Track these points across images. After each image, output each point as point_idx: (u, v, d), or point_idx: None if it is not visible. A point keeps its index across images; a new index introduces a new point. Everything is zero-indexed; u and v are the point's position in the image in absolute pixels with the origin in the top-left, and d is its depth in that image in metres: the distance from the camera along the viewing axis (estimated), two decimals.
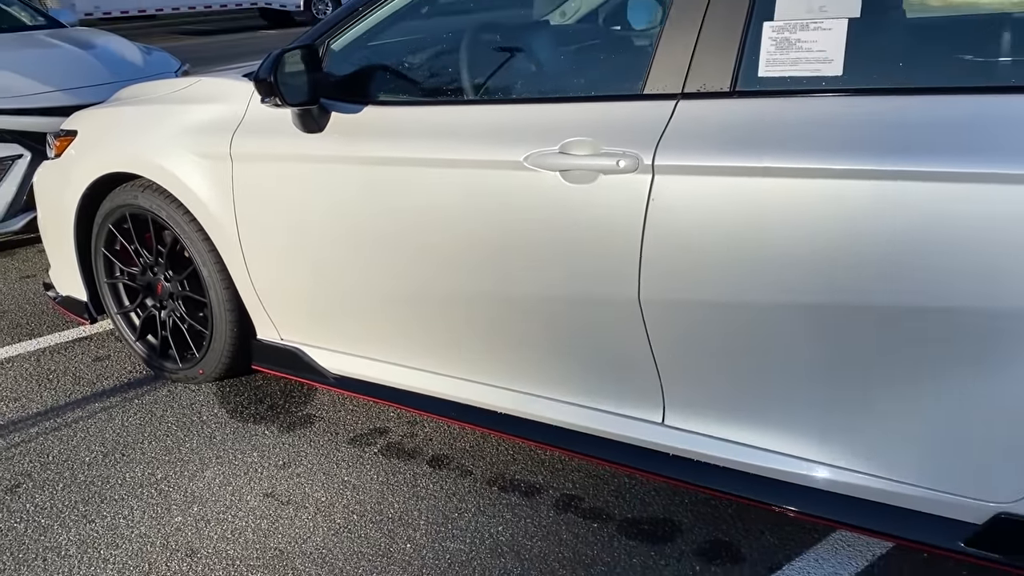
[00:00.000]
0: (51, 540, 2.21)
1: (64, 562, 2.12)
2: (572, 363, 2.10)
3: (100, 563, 2.11)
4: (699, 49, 1.81)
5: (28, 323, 3.60)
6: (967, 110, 1.55)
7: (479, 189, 2.07)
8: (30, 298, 3.88)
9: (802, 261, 1.69)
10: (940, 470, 1.71)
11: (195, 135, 2.60)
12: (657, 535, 2.10)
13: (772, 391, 1.84)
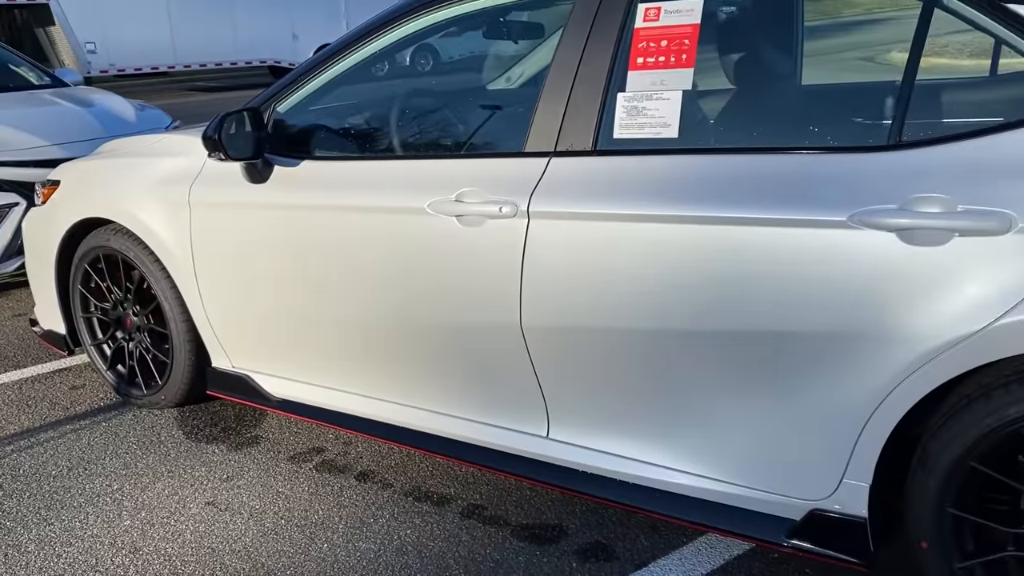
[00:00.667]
0: (13, 539, 2.49)
1: (23, 557, 2.40)
2: (469, 383, 2.39)
3: (54, 558, 2.39)
4: (567, 116, 2.15)
5: (14, 355, 3.92)
6: (781, 167, 1.86)
7: (393, 231, 2.39)
8: (19, 334, 4.20)
9: (647, 291, 2.00)
10: (767, 473, 1.98)
11: (159, 185, 2.94)
12: (545, 537, 2.37)
13: (635, 407, 2.13)
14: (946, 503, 1.76)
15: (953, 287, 1.65)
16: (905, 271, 1.69)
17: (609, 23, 2.12)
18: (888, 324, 1.72)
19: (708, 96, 2.16)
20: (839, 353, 1.79)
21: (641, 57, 2.07)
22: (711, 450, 2.05)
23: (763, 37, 2.38)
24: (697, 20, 2.00)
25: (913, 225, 1.67)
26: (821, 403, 1.85)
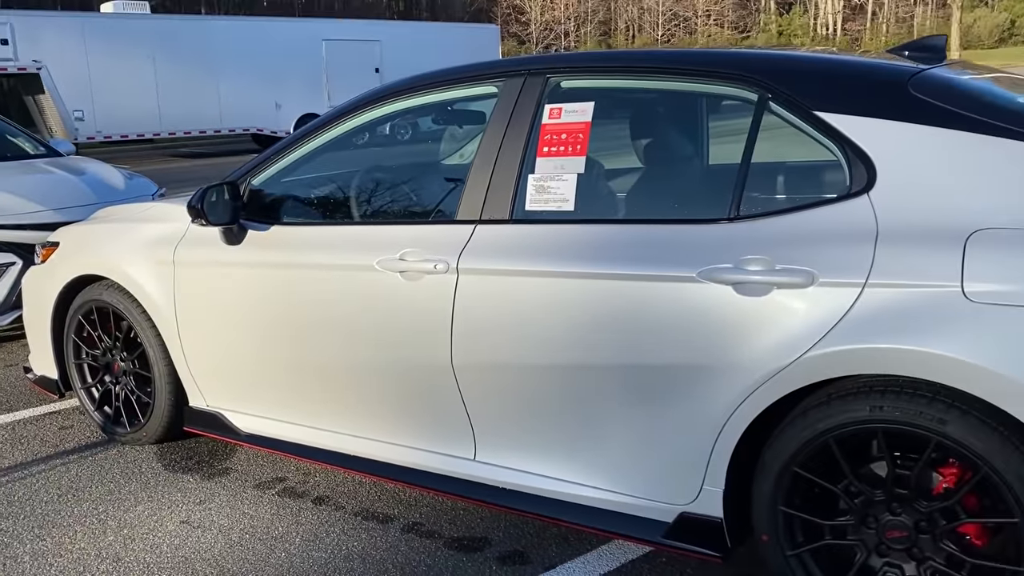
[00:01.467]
0: (10, 552, 2.86)
1: (19, 566, 2.77)
2: (410, 415, 2.83)
3: (47, 567, 2.76)
4: (490, 191, 2.63)
5: (7, 400, 4.30)
6: (650, 234, 2.34)
7: (346, 285, 2.84)
8: (12, 381, 4.58)
9: (550, 333, 2.45)
10: (647, 484, 2.42)
11: (148, 246, 3.40)
12: (471, 547, 2.78)
13: (545, 431, 2.56)
14: (778, 502, 2.20)
15: (772, 328, 2.12)
16: (738, 316, 2.16)
17: (522, 119, 2.62)
18: (727, 358, 2.18)
19: (598, 177, 2.65)
20: (693, 383, 2.24)
21: (546, 147, 2.57)
22: (605, 466, 2.48)
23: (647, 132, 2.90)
24: (589, 119, 2.52)
25: (743, 280, 2.15)
26: (683, 424, 2.30)
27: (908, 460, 2.07)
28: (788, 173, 2.56)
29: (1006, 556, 1.98)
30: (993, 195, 1.97)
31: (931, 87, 2.17)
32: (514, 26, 55.89)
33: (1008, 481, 1.90)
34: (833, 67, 2.34)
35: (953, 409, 1.94)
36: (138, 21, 20.01)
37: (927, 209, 2.02)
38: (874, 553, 2.14)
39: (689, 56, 2.53)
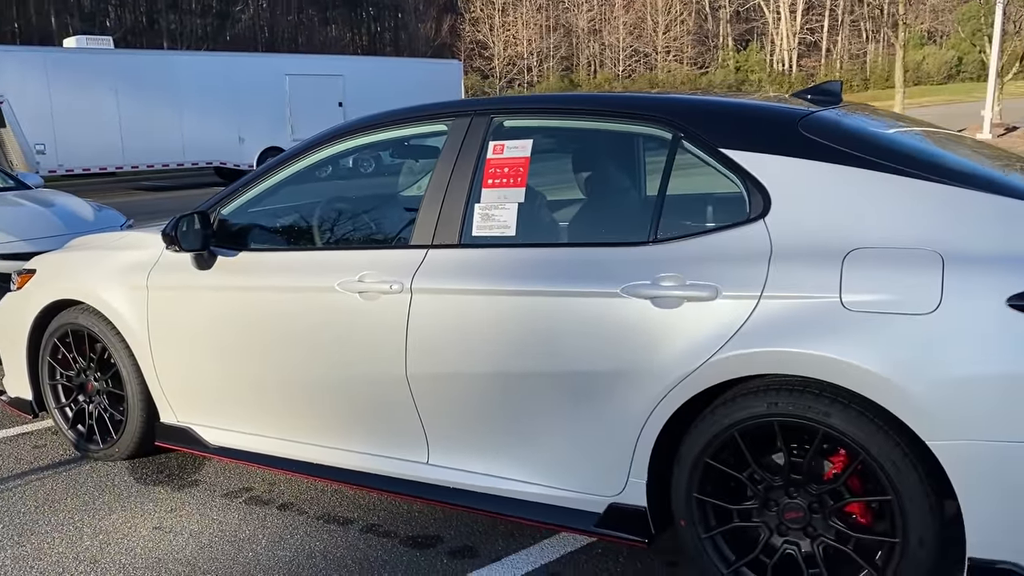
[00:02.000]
0: None
1: (0, 569, 2.97)
2: (368, 423, 3.08)
3: (27, 569, 2.96)
4: (440, 219, 2.93)
5: None
6: (582, 255, 2.64)
7: (308, 305, 3.11)
8: None
9: (495, 345, 2.73)
10: (581, 479, 2.70)
11: (123, 272, 3.63)
12: (425, 544, 3.03)
13: (491, 435, 2.83)
14: (693, 490, 2.50)
15: (684, 336, 2.42)
16: (655, 326, 2.46)
17: (469, 154, 2.93)
18: (646, 364, 2.48)
19: (536, 205, 2.96)
20: (618, 386, 2.54)
21: (490, 179, 2.87)
22: (544, 464, 2.76)
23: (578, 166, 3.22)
24: (528, 154, 2.83)
25: (659, 294, 2.46)
26: (609, 423, 2.58)
27: (802, 450, 2.38)
28: (698, 202, 2.88)
29: (884, 531, 2.29)
30: (866, 219, 2.30)
31: (818, 127, 2.51)
32: (478, 61, 56.63)
33: (883, 465, 2.22)
34: (736, 110, 2.68)
35: (836, 403, 2.26)
36: (101, 56, 20.13)
37: (812, 232, 2.35)
38: (775, 533, 2.44)
39: (614, 100, 2.86)
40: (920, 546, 2.22)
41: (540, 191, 2.95)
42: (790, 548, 2.42)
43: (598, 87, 55.00)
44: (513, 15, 58.02)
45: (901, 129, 2.73)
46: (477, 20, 57.23)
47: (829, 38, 66.01)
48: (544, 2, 59.43)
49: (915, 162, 2.38)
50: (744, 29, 68.63)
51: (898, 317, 2.18)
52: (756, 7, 66.39)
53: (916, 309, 2.17)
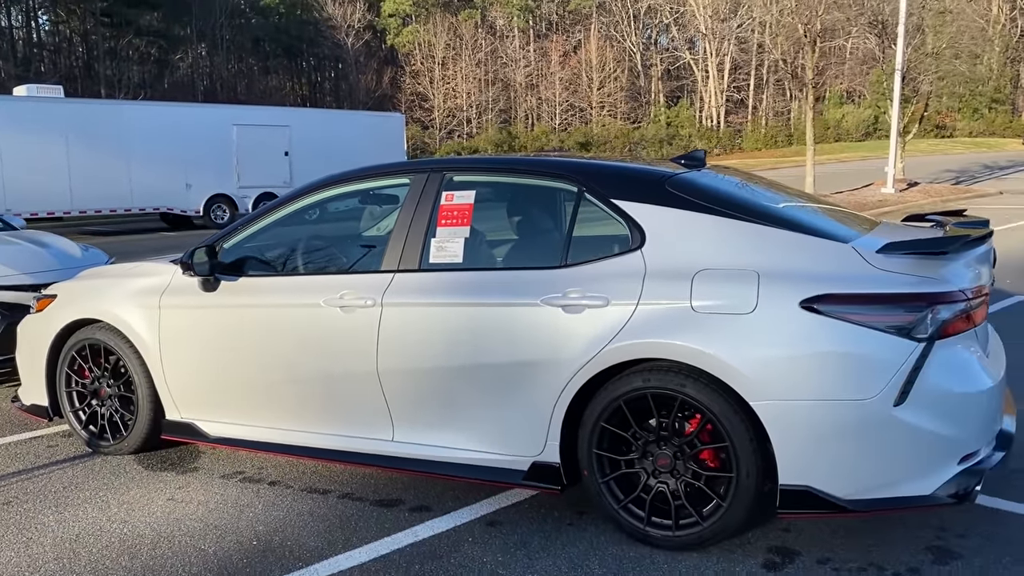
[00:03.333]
0: (40, 519, 3.78)
1: (47, 528, 3.70)
2: (345, 410, 3.92)
3: (70, 527, 3.70)
4: (405, 249, 3.82)
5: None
6: (512, 277, 3.56)
7: (297, 318, 3.96)
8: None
9: (444, 345, 3.62)
10: (511, 444, 3.58)
11: (138, 295, 4.43)
12: (390, 504, 3.87)
13: (441, 414, 3.70)
14: (592, 447, 3.41)
15: (585, 333, 3.35)
16: (564, 326, 3.39)
17: (427, 201, 3.85)
18: (559, 354, 3.39)
19: (477, 240, 3.88)
20: (538, 371, 3.44)
21: (443, 220, 3.79)
22: (484, 434, 3.63)
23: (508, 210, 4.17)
24: (472, 202, 3.76)
25: (567, 303, 3.39)
26: (532, 399, 3.48)
27: (668, 414, 3.32)
28: (595, 237, 3.83)
29: (724, 469, 3.23)
30: (708, 249, 3.28)
31: (679, 185, 3.50)
32: (418, 112, 57.92)
33: (720, 420, 3.16)
34: (623, 171, 3.67)
35: (689, 378, 3.21)
36: (51, 104, 20.63)
37: (673, 258, 3.32)
38: (651, 476, 3.36)
39: (535, 162, 3.83)
40: (748, 477, 3.17)
41: (480, 229, 3.87)
42: (661, 486, 3.34)
43: (535, 139, 56.66)
44: (452, 68, 59.59)
45: (741, 186, 3.75)
46: (417, 73, 58.65)
47: (755, 96, 69.05)
48: (483, 57, 61.21)
49: (743, 209, 3.38)
50: (675, 86, 71.43)
51: (729, 316, 3.15)
52: (686, 66, 69.30)
53: (741, 310, 3.14)
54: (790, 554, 3.31)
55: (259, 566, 3.33)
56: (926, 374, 3.02)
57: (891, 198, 21.63)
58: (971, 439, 3.12)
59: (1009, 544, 3.34)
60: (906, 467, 3.06)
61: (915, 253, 3.15)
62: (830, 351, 3.06)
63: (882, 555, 3.27)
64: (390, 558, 3.37)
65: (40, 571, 3.33)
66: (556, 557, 3.34)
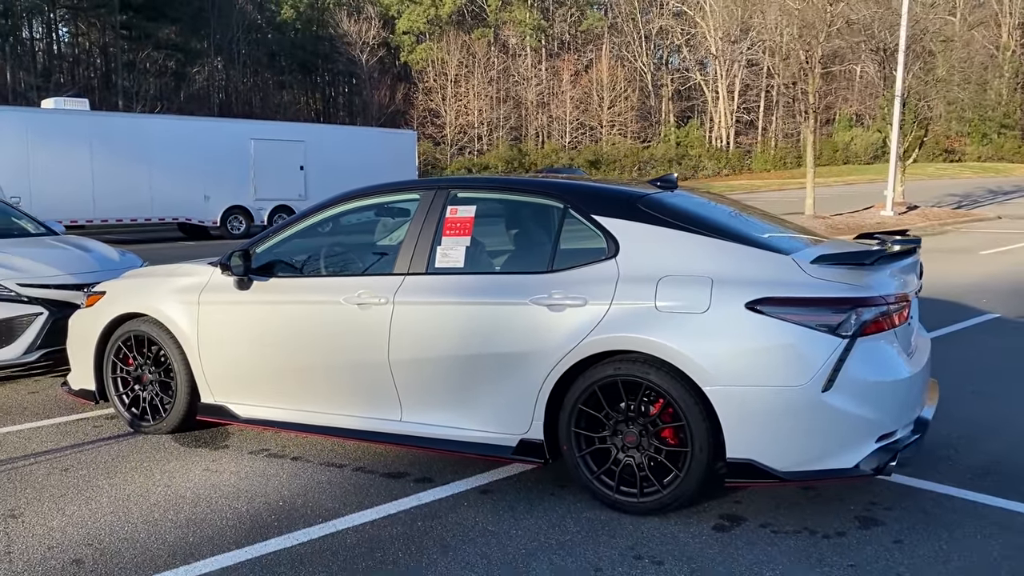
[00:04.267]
0: (95, 483, 4.38)
1: (100, 492, 4.29)
2: (359, 394, 4.51)
3: (122, 489, 4.29)
4: (414, 255, 4.43)
5: (45, 411, 5.76)
6: (508, 280, 4.15)
7: (321, 313, 4.56)
8: (42, 400, 6.03)
9: (447, 336, 4.21)
10: (502, 423, 4.15)
11: (179, 292, 5.04)
12: (397, 476, 4.45)
13: (445, 397, 4.29)
14: (571, 426, 3.98)
15: (566, 328, 3.94)
16: (549, 322, 3.97)
17: (434, 214, 4.45)
18: (544, 345, 3.98)
19: (477, 248, 4.47)
20: (527, 360, 4.03)
21: (448, 230, 4.39)
22: (479, 415, 4.21)
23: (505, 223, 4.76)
24: (472, 215, 4.36)
25: (552, 303, 3.98)
26: (521, 384, 4.06)
27: (635, 397, 3.89)
28: (577, 248, 4.41)
29: (681, 445, 3.81)
30: (671, 258, 3.87)
31: (649, 203, 4.10)
32: (430, 128, 58.79)
33: (678, 403, 3.74)
34: (602, 190, 4.27)
35: (652, 367, 3.79)
36: (77, 117, 21.43)
37: (641, 266, 3.90)
38: (620, 451, 3.94)
39: (527, 182, 4.44)
40: (700, 451, 3.74)
41: (480, 239, 4.47)
42: (629, 460, 3.92)
43: (545, 157, 57.36)
44: (465, 86, 60.49)
45: (705, 206, 4.34)
46: (430, 89, 59.56)
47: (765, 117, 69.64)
48: (495, 75, 62.12)
49: (703, 225, 3.97)
50: (685, 106, 72.15)
51: (686, 315, 3.74)
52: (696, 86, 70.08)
53: (696, 310, 3.73)
54: (738, 520, 3.87)
55: (286, 521, 3.91)
56: (849, 365, 3.60)
57: (889, 221, 22.19)
58: (888, 421, 3.69)
59: (925, 515, 3.90)
60: (832, 444, 3.63)
61: (842, 264, 3.73)
62: (770, 345, 3.64)
63: (816, 522, 3.84)
64: (396, 517, 3.95)
65: (100, 521, 3.93)
66: (538, 518, 3.91)
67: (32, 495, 4.25)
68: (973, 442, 4.91)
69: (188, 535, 3.77)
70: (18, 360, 6.39)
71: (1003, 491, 4.17)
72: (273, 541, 3.70)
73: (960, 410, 5.53)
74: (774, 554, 3.53)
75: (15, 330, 6.34)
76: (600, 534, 3.74)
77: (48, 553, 3.60)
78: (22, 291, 6.40)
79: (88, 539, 3.74)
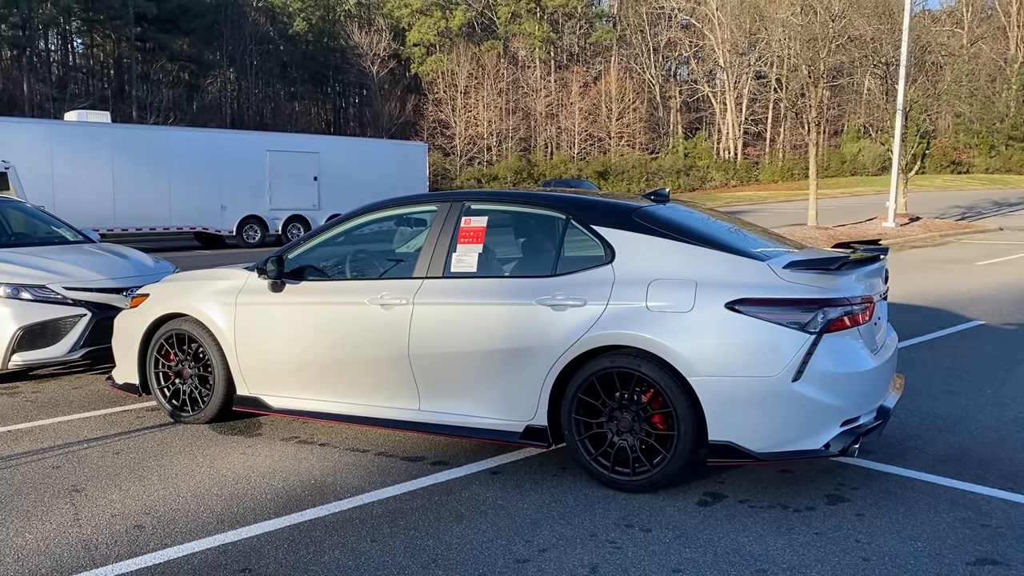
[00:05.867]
0: (144, 464, 4.89)
1: (149, 472, 4.80)
2: (382, 386, 5.01)
3: (168, 468, 4.80)
4: (432, 261, 4.93)
5: (90, 404, 6.28)
6: (522, 284, 4.65)
7: (348, 313, 5.07)
8: (85, 395, 6.55)
9: (461, 334, 4.71)
10: (511, 410, 4.64)
11: (218, 294, 5.56)
12: (416, 460, 4.94)
13: (459, 388, 4.78)
14: (572, 413, 4.47)
15: (567, 326, 4.43)
16: (553, 320, 4.47)
17: (450, 223, 4.96)
18: (548, 341, 4.47)
19: (489, 254, 4.96)
20: (532, 356, 4.52)
21: (463, 238, 4.90)
22: (491, 403, 4.70)
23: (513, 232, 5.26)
24: (484, 225, 4.87)
25: (556, 303, 4.48)
26: (528, 376, 4.56)
27: (630, 387, 4.38)
28: (578, 254, 4.90)
29: (669, 429, 4.29)
30: (660, 264, 4.37)
31: (642, 215, 4.60)
32: (439, 139, 59.50)
33: (666, 392, 4.23)
34: (600, 203, 4.77)
35: (643, 360, 4.28)
36: (99, 129, 22.08)
37: (635, 271, 4.40)
38: (615, 435, 4.43)
39: (534, 195, 4.96)
40: (686, 434, 4.23)
41: (491, 246, 4.97)
42: (623, 442, 4.40)
43: (554, 168, 57.95)
44: (475, 97, 61.20)
45: (693, 217, 4.84)
46: (440, 100, 60.30)
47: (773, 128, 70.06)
48: (504, 86, 62.82)
49: (690, 235, 4.47)
50: (693, 118, 72.66)
51: (673, 314, 4.23)
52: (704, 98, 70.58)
53: (682, 309, 4.22)
54: (720, 496, 4.36)
55: (318, 495, 4.41)
56: (816, 358, 4.08)
57: (891, 232, 22.61)
58: (851, 408, 4.17)
59: (887, 493, 4.37)
60: (802, 427, 4.12)
61: (811, 269, 4.22)
62: (746, 340, 4.12)
63: (789, 499, 4.32)
64: (415, 493, 4.45)
65: (154, 495, 4.43)
66: (542, 494, 4.40)
67: (91, 473, 4.76)
68: (939, 433, 5.39)
69: (233, 506, 4.27)
70: (64, 357, 6.92)
71: (959, 474, 4.64)
72: (308, 512, 4.20)
73: (931, 406, 6.01)
74: (749, 524, 4.00)
75: (61, 330, 6.88)
76: (596, 507, 4.22)
77: (112, 520, 4.11)
78: (67, 294, 6.93)
79: (145, 509, 4.24)
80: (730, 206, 40.10)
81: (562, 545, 3.79)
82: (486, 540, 3.85)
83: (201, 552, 3.74)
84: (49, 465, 4.91)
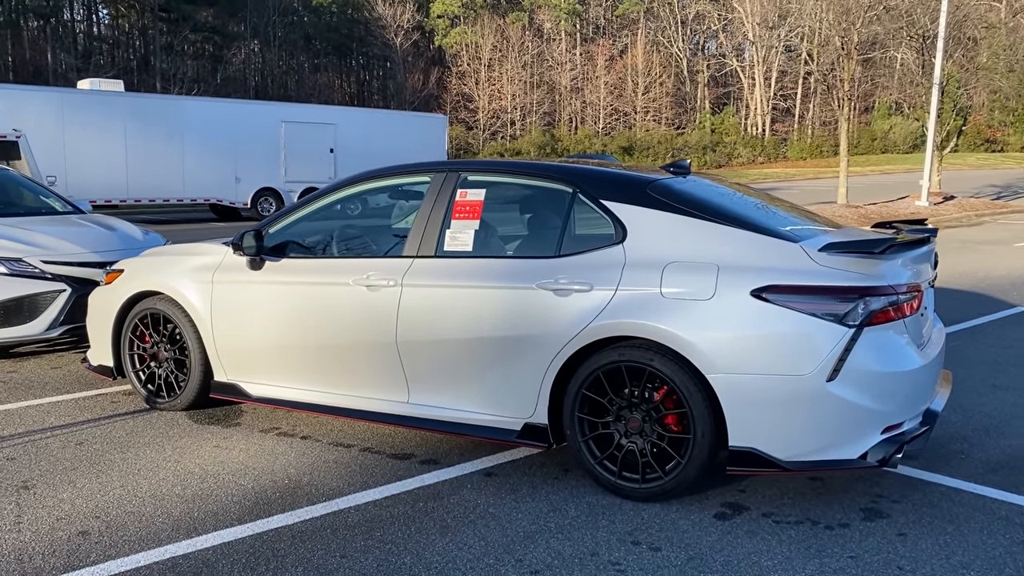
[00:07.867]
0: (107, 457, 4.46)
1: (112, 466, 4.37)
2: (368, 375, 4.54)
3: (133, 463, 4.36)
4: (423, 238, 4.43)
5: (64, 386, 5.87)
6: (516, 264, 4.14)
7: (330, 294, 4.58)
8: (63, 375, 6.14)
9: (455, 319, 4.21)
10: (508, 407, 4.16)
11: (194, 271, 5.10)
12: (404, 457, 4.47)
13: (450, 380, 4.29)
14: (575, 411, 3.97)
15: (571, 313, 3.92)
16: (555, 306, 3.96)
17: (444, 197, 4.45)
18: (549, 330, 3.97)
19: (486, 232, 4.46)
20: (531, 345, 4.02)
21: (457, 213, 4.39)
22: (485, 398, 4.22)
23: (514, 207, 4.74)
24: (482, 199, 4.36)
25: (558, 288, 3.96)
26: (527, 368, 4.06)
27: (640, 384, 3.87)
28: (585, 232, 4.38)
29: (685, 431, 3.78)
30: (677, 245, 3.84)
31: (658, 189, 4.06)
32: (463, 112, 58.76)
33: (681, 389, 3.71)
34: (611, 176, 4.23)
35: (656, 353, 3.76)
36: (112, 98, 21.72)
37: (649, 252, 3.87)
38: (623, 436, 3.92)
39: (537, 166, 4.42)
40: (703, 438, 3.71)
41: (489, 222, 4.46)
42: (631, 445, 3.90)
43: (578, 143, 57.11)
44: (499, 70, 60.31)
45: (716, 192, 4.29)
46: (464, 74, 59.50)
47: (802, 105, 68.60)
48: (529, 59, 61.84)
49: (712, 212, 3.93)
50: (721, 93, 71.28)
51: (691, 302, 3.70)
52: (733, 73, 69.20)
53: (701, 297, 3.69)
54: (740, 508, 3.85)
55: (289, 499, 3.96)
56: (856, 355, 3.55)
57: (924, 211, 21.80)
58: (895, 412, 3.63)
59: (932, 508, 3.84)
60: (836, 434, 3.59)
61: (851, 252, 3.67)
62: (775, 333, 3.59)
63: (819, 513, 3.80)
64: (399, 497, 3.97)
65: (109, 495, 4.00)
66: (539, 501, 3.92)
67: (46, 467, 4.34)
68: (988, 436, 4.83)
69: (193, 510, 3.82)
70: (41, 335, 6.52)
71: (1015, 486, 4.10)
72: (276, 518, 3.74)
73: (977, 403, 5.44)
74: (773, 543, 3.50)
75: (39, 306, 6.46)
76: (600, 519, 3.73)
77: (56, 524, 3.67)
78: (46, 268, 6.51)
79: (96, 511, 3.81)
80: (757, 183, 39.23)
81: (557, 566, 3.30)
82: (471, 558, 3.37)
83: (146, 567, 3.29)
84: (3, 456, 4.49)
